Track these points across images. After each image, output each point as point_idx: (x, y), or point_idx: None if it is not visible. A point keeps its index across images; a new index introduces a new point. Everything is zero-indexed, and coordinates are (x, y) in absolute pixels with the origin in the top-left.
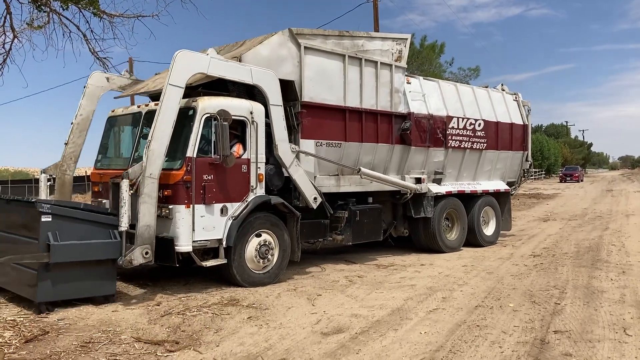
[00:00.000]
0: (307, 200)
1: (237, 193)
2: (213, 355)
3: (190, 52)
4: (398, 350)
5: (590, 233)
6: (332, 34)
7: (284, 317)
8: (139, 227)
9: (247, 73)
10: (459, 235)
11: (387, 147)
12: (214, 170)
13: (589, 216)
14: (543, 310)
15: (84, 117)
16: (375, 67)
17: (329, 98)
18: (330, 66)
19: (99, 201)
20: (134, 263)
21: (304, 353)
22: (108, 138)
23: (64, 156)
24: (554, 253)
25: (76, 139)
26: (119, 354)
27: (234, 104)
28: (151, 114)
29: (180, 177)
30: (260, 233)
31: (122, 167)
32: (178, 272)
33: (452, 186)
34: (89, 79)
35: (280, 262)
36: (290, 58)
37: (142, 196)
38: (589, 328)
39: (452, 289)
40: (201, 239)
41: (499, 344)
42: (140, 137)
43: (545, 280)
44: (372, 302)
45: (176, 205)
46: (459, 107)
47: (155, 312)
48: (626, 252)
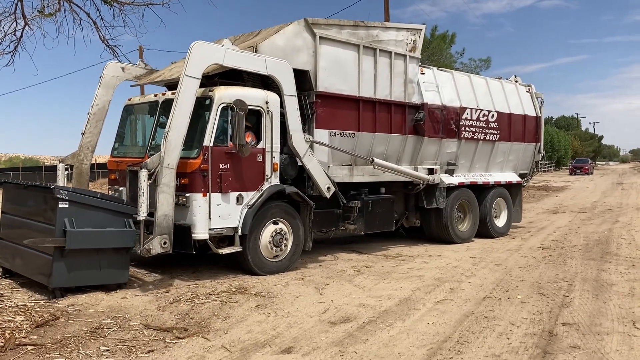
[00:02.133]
0: (321, 189)
1: (253, 182)
2: (221, 342)
3: (205, 43)
4: (405, 340)
5: (599, 226)
6: (347, 24)
7: (292, 306)
8: (158, 217)
9: (261, 63)
10: (471, 226)
11: (401, 138)
12: (230, 160)
13: (599, 209)
14: (551, 303)
15: (100, 107)
16: (390, 57)
17: (343, 88)
18: (344, 56)
19: (115, 188)
20: (152, 252)
21: (312, 342)
22: (124, 126)
23: (81, 146)
24: (562, 245)
25: (93, 128)
26: (128, 340)
27: (249, 94)
28: (168, 103)
29: (197, 165)
30: (275, 222)
31: (138, 155)
32: (187, 259)
33: (465, 177)
34: (104, 69)
35: (294, 250)
36: (305, 48)
37: (160, 186)
38: (598, 321)
39: (460, 280)
40: (217, 226)
41: (506, 336)
42: (157, 126)
43: (554, 273)
44: (380, 292)
45: (193, 193)
46: (472, 98)
47: (164, 299)
48: (636, 246)
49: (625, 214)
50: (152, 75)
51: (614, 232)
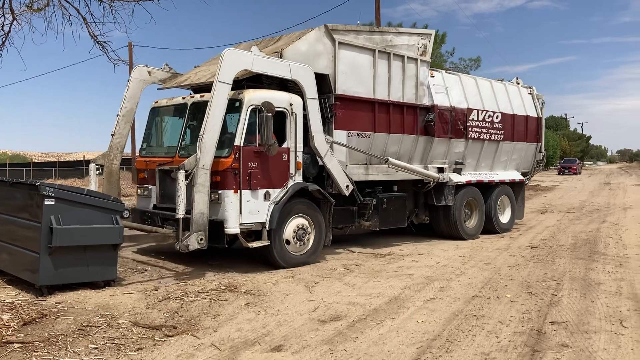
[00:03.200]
0: (340, 187)
1: (279, 180)
2: (211, 340)
3: (236, 50)
4: (395, 339)
5: (587, 226)
6: (363, 30)
7: (282, 304)
8: (194, 215)
9: (286, 69)
10: (478, 222)
11: (412, 138)
12: (258, 158)
13: (587, 209)
14: (540, 301)
15: (128, 109)
16: (402, 61)
17: (359, 91)
18: (361, 60)
19: (145, 187)
20: (190, 248)
21: (301, 339)
22: (151, 127)
23: (111, 146)
24: (551, 245)
25: (122, 129)
26: (116, 338)
27: (275, 96)
28: (197, 105)
29: (229, 164)
30: (298, 217)
31: (168, 155)
32: (177, 257)
33: (472, 176)
34: (132, 73)
35: (316, 244)
36: (325, 53)
37: (196, 186)
38: (586, 319)
39: (449, 278)
40: (247, 221)
41: (495, 334)
42: (186, 127)
43: (543, 272)
44: (370, 290)
45: (225, 190)
46: (478, 100)
47: (153, 297)
48: (623, 245)
49: (612, 213)
50: (178, 78)
51: (602, 232)
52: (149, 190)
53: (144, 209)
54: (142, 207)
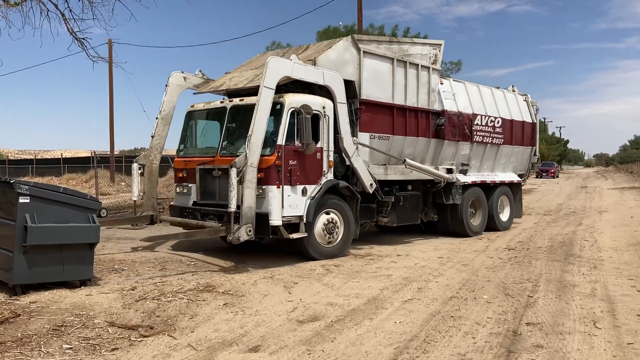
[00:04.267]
0: (365, 185)
1: (314, 177)
2: (188, 340)
3: (278, 58)
4: (373, 339)
5: (564, 228)
6: (384, 40)
7: (260, 305)
8: (244, 208)
9: (320, 75)
10: (481, 220)
11: (425, 141)
12: (297, 157)
13: (564, 212)
14: (516, 303)
15: (167, 112)
16: (417, 69)
17: (380, 96)
18: (381, 68)
19: (184, 185)
20: (241, 239)
21: (279, 340)
22: (188, 130)
23: (151, 147)
24: (528, 247)
25: (160, 131)
26: (92, 338)
27: (311, 100)
28: (236, 109)
29: (273, 162)
30: (327, 212)
31: (208, 155)
32: (153, 257)
33: (476, 177)
34: (169, 78)
35: (345, 238)
36: (352, 61)
37: (245, 182)
38: (560, 321)
39: (427, 279)
40: (288, 215)
41: (472, 335)
42: (226, 129)
43: (519, 274)
44: (348, 291)
45: (269, 185)
46: (481, 106)
47: (129, 296)
48: (598, 248)
49: (588, 216)
50: (212, 84)
51: (578, 235)
52: (188, 188)
53: (184, 206)
54: (182, 204)
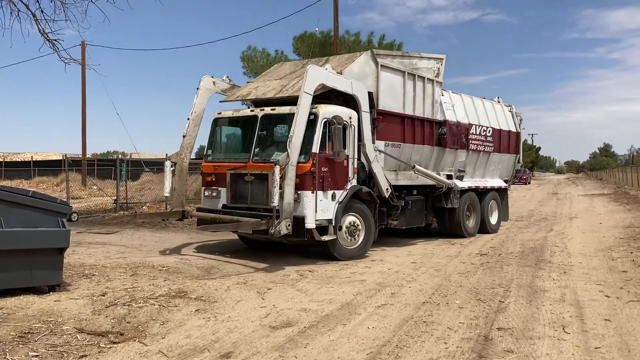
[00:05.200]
0: (382, 190)
1: (341, 182)
2: (158, 347)
3: (317, 67)
4: (346, 345)
5: (535, 234)
6: (397, 54)
7: (233, 311)
8: (284, 205)
9: (349, 85)
10: (475, 223)
11: (429, 148)
12: (328, 164)
13: (535, 218)
14: (488, 308)
15: (197, 114)
16: (423, 81)
17: (393, 107)
18: (395, 80)
19: (213, 189)
20: (281, 233)
21: (252, 346)
22: (215, 136)
23: (182, 146)
24: (500, 252)
25: (191, 132)
26: (59, 345)
27: (340, 111)
28: (268, 117)
29: (308, 168)
30: (350, 215)
31: (239, 160)
32: (124, 262)
33: (471, 182)
34: (201, 82)
35: (365, 240)
36: (371, 74)
37: (286, 180)
38: (531, 326)
39: (400, 285)
40: (320, 218)
41: (444, 340)
42: (258, 137)
43: (491, 279)
44: (322, 296)
45: (304, 191)
46: (475, 116)
47: (99, 302)
48: (568, 254)
49: (559, 222)
50: (238, 92)
51: (549, 240)
52: (217, 191)
53: (214, 208)
54: (211, 207)
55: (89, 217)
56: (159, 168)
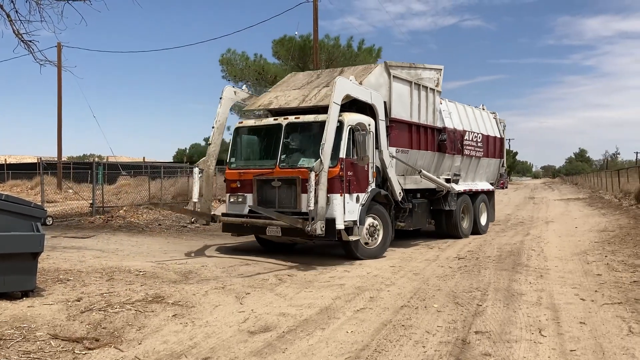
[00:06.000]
0: (395, 193)
1: (364, 186)
2: (135, 353)
3: (344, 79)
4: (324, 349)
5: (512, 238)
6: (405, 65)
7: (211, 316)
8: (319, 207)
9: (369, 95)
10: (469, 224)
11: (431, 154)
12: (353, 169)
13: (512, 222)
14: (465, 311)
15: (220, 122)
16: (427, 91)
17: (403, 115)
18: (404, 90)
19: (239, 195)
20: (317, 232)
21: (230, 352)
22: (237, 144)
23: (208, 154)
24: (477, 256)
25: (216, 139)
26: (32, 352)
27: (362, 118)
28: (292, 126)
29: (337, 173)
30: (370, 217)
31: (264, 167)
32: (100, 267)
33: (465, 185)
34: (223, 92)
35: (384, 240)
36: (384, 84)
37: (320, 184)
38: (508, 329)
39: (379, 288)
40: (347, 219)
41: (422, 344)
42: (283, 144)
43: (469, 282)
44: (301, 301)
45: (334, 194)
46: (468, 123)
47: (75, 308)
48: (544, 257)
49: (536, 227)
50: (258, 101)
51: (525, 244)
52: (243, 197)
53: (240, 213)
54: (237, 212)
55: (64, 221)
56: (136, 172)
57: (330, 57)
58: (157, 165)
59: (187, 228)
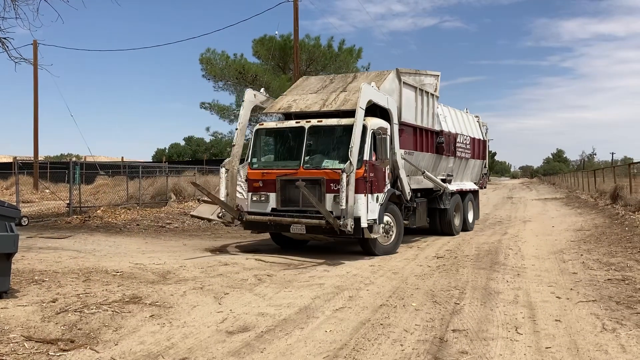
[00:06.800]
0: (405, 193)
1: (382, 186)
2: (111, 354)
3: (368, 86)
4: (303, 349)
5: (490, 237)
6: (411, 72)
7: (189, 316)
8: (348, 206)
9: (386, 101)
10: (460, 221)
11: (430, 155)
12: (374, 170)
13: (490, 221)
14: (443, 310)
15: (243, 124)
16: (428, 96)
17: (410, 119)
18: (410, 95)
19: (260, 194)
20: (347, 229)
21: (207, 352)
22: (257, 145)
23: (233, 155)
24: (456, 255)
25: (239, 140)
26: (5, 354)
27: (381, 123)
28: (314, 129)
29: (362, 174)
30: (385, 215)
31: (288, 167)
32: (77, 267)
33: (457, 185)
34: (245, 95)
35: (397, 237)
36: (396, 90)
37: (349, 185)
38: (485, 327)
39: (358, 288)
40: (370, 218)
41: (400, 342)
42: (306, 146)
43: (447, 281)
44: (280, 300)
45: (358, 194)
46: (459, 126)
47: (50, 309)
48: (522, 256)
49: (513, 226)
50: (276, 105)
51: (503, 243)
52: (266, 196)
53: (263, 211)
54: (260, 210)
55: (40, 222)
56: (114, 171)
57: (310, 57)
58: (135, 165)
59: (165, 228)
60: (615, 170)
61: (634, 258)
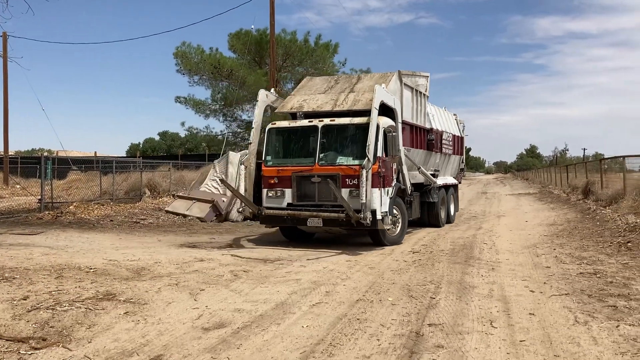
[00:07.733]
0: (407, 187)
1: (391, 181)
2: (84, 352)
3: (380, 87)
4: (279, 345)
5: (465, 232)
6: (409, 74)
7: (164, 313)
8: (367, 200)
9: (392, 101)
10: (445, 214)
11: (422, 151)
12: (385, 165)
13: (465, 216)
14: (419, 304)
15: (258, 123)
16: (421, 96)
17: (408, 118)
18: (408, 96)
19: (275, 190)
20: (367, 221)
21: (183, 349)
22: (271, 143)
23: (250, 152)
24: (431, 250)
25: (255, 138)
26: None
27: (390, 122)
28: (328, 128)
29: (377, 169)
30: (394, 208)
31: (305, 164)
32: (48, 264)
33: (442, 180)
34: (259, 95)
35: (402, 228)
36: (397, 91)
37: (367, 180)
38: (460, 321)
39: (335, 283)
40: (382, 210)
41: (377, 337)
42: (321, 143)
43: (423, 276)
44: (257, 296)
45: (374, 188)
46: (444, 124)
47: (21, 306)
48: (496, 251)
49: (488, 221)
50: (289, 104)
51: (478, 238)
52: (282, 192)
53: (279, 206)
54: (275, 205)
55: (10, 217)
56: (87, 166)
57: (287, 51)
58: (109, 159)
59: (140, 224)
60: (587, 165)
61: (605, 252)
